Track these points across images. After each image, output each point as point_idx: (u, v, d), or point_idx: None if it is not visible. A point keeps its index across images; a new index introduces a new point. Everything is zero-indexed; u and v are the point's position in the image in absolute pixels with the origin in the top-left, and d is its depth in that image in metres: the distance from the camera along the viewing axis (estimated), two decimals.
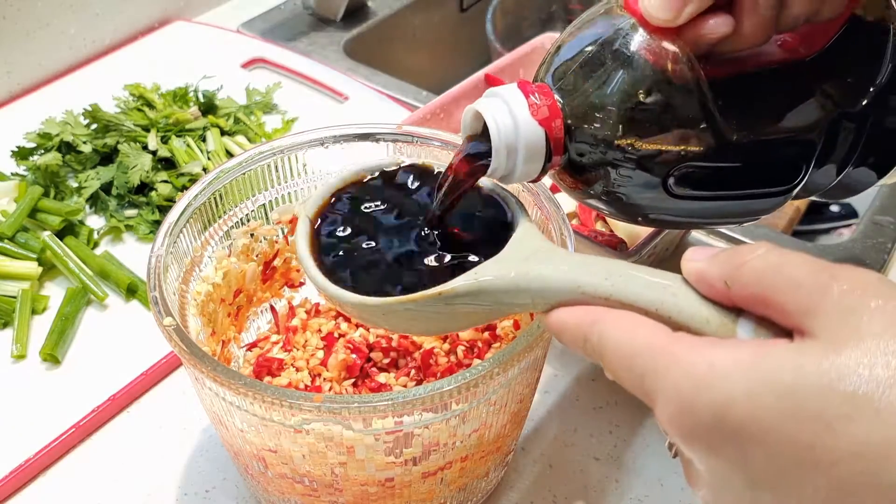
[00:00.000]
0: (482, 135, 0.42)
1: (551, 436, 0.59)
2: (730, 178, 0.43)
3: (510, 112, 0.40)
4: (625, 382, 0.32)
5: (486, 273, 0.39)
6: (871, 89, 0.44)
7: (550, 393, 0.62)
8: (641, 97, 0.40)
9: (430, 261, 0.43)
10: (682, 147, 0.41)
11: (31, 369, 0.63)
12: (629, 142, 0.41)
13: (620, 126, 0.40)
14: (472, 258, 0.42)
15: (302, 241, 0.45)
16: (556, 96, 0.41)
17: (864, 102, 0.44)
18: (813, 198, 0.50)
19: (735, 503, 0.30)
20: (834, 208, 1.22)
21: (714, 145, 0.41)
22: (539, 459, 0.58)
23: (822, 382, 0.27)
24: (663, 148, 0.41)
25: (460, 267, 0.42)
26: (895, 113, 0.45)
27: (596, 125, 0.41)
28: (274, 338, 0.59)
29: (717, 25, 0.39)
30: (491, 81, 0.73)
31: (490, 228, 0.44)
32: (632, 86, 0.40)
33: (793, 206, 0.88)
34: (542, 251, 0.40)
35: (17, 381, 0.62)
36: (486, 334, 0.57)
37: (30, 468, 0.57)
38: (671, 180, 0.42)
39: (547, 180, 0.68)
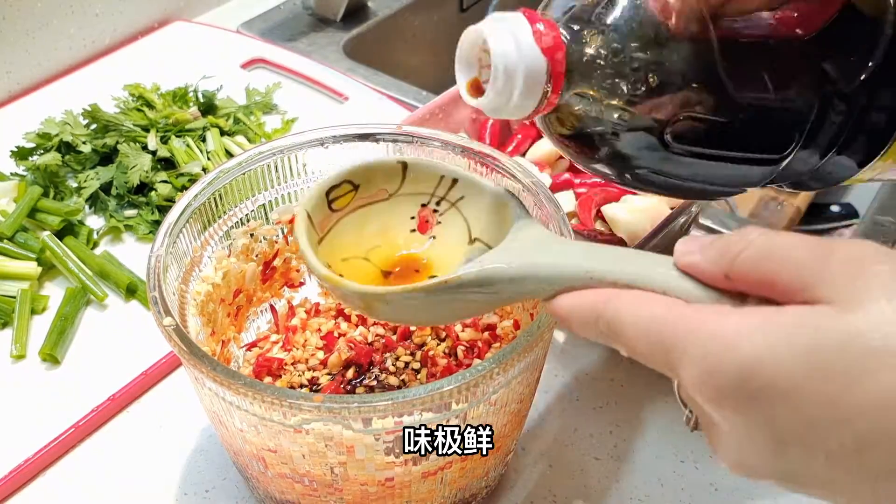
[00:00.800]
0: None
1: (551, 436, 0.59)
2: (725, 138, 0.43)
3: (513, 35, 0.39)
4: (643, 354, 0.33)
5: (492, 261, 0.39)
6: (863, 73, 0.44)
7: (550, 393, 0.62)
8: (648, 43, 0.40)
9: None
10: (682, 97, 0.41)
11: (31, 369, 0.63)
12: (630, 87, 0.40)
13: (623, 70, 0.40)
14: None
15: (302, 234, 0.44)
16: (562, 30, 0.41)
17: (855, 84, 0.44)
18: (787, 189, 0.51)
19: (762, 462, 0.30)
20: (834, 208, 1.21)
21: (714, 100, 0.41)
22: (539, 459, 0.58)
23: (842, 339, 0.27)
24: (663, 98, 0.41)
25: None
26: (882, 103, 0.45)
27: (598, 65, 0.40)
28: (273, 337, 0.59)
29: None
30: None
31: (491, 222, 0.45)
32: (640, 34, 0.40)
33: (793, 207, 0.88)
34: (546, 240, 0.40)
35: (16, 381, 0.62)
36: (486, 334, 0.57)
37: (30, 468, 0.57)
38: (667, 133, 0.41)
39: (546, 180, 0.69)
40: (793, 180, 0.49)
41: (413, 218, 0.49)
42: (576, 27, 0.41)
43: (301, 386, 0.55)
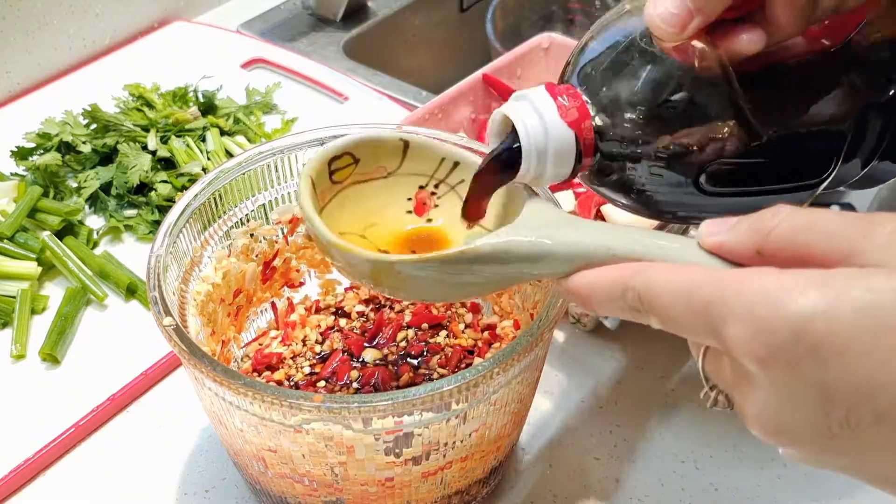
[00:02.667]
0: (510, 138, 0.41)
1: (551, 436, 0.59)
2: (761, 174, 0.42)
3: (539, 115, 0.40)
4: (679, 321, 0.32)
5: (509, 234, 0.38)
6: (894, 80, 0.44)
7: (550, 393, 0.62)
8: (671, 95, 0.40)
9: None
10: (713, 144, 0.40)
11: (31, 369, 0.63)
12: (659, 140, 0.40)
13: (650, 125, 0.40)
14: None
15: (307, 199, 0.43)
16: (584, 97, 0.41)
17: (890, 92, 0.44)
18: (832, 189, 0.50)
19: (805, 423, 0.30)
20: (834, 208, 1.22)
21: (745, 141, 0.41)
22: (539, 459, 0.58)
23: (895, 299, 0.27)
24: (694, 145, 0.40)
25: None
26: None
27: (625, 125, 0.40)
28: (273, 333, 0.59)
29: (750, 42, 0.39)
30: (489, 82, 0.73)
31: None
32: (661, 84, 0.40)
33: None
34: (562, 219, 0.40)
35: (16, 381, 0.62)
36: (486, 334, 0.57)
37: (30, 468, 0.57)
38: (702, 177, 0.41)
39: None
40: (838, 187, 0.48)
41: (410, 199, 0.48)
42: (599, 89, 0.41)
43: (296, 385, 0.55)
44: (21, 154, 0.80)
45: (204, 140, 0.81)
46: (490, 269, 0.39)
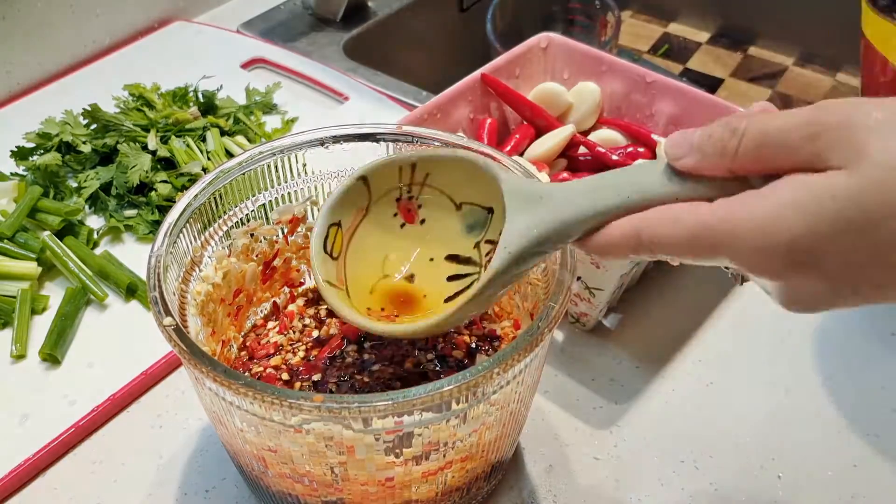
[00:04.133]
0: None
1: (551, 436, 0.59)
2: None
3: None
4: (691, 258, 0.38)
5: (511, 241, 0.41)
6: None
7: (550, 393, 0.62)
8: None
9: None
10: None
11: (31, 369, 0.63)
12: None
13: None
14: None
15: (335, 300, 0.47)
16: None
17: None
18: None
19: (825, 299, 0.36)
20: None
21: None
22: (539, 459, 0.58)
23: (857, 197, 0.33)
24: None
25: None
26: None
27: None
28: (271, 324, 0.59)
29: None
30: (487, 81, 0.73)
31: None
32: None
33: None
34: (543, 194, 0.41)
35: (16, 381, 0.62)
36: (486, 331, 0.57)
37: (30, 468, 0.57)
38: None
39: (545, 178, 0.68)
40: None
41: (396, 215, 0.50)
42: None
43: (293, 369, 0.55)
44: (21, 154, 0.80)
45: (204, 140, 0.81)
46: (511, 275, 0.42)
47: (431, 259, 0.50)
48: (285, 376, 0.54)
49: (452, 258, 0.49)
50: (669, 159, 0.38)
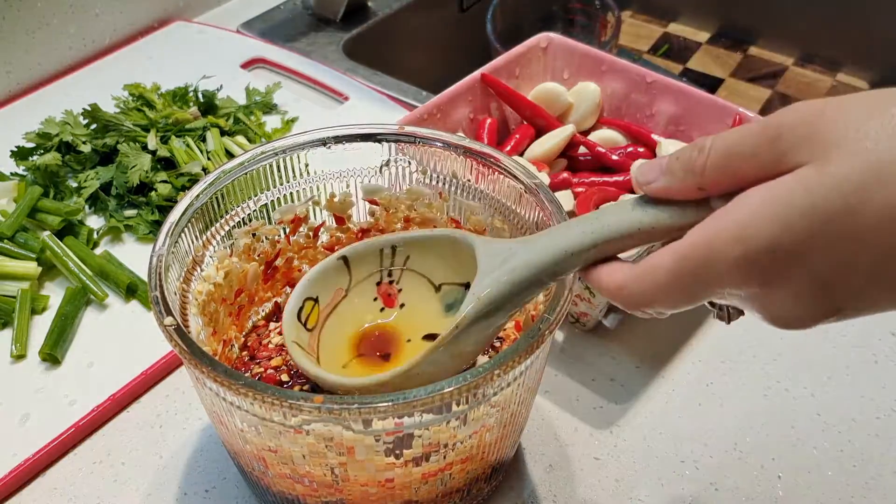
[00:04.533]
0: None
1: (551, 436, 0.59)
2: None
3: None
4: (682, 298, 0.37)
5: (482, 290, 0.42)
6: None
7: (550, 393, 0.62)
8: None
9: None
10: None
11: (31, 369, 0.63)
12: None
13: None
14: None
15: (303, 361, 0.47)
16: None
17: None
18: None
19: (815, 308, 0.35)
20: None
21: None
22: (539, 459, 0.58)
23: (830, 189, 0.32)
24: None
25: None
26: None
27: None
28: (272, 324, 0.59)
29: None
30: (487, 81, 0.73)
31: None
32: None
33: None
34: (514, 247, 0.42)
35: (16, 381, 0.62)
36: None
37: (30, 468, 0.57)
38: None
39: (545, 179, 0.69)
40: None
41: (376, 299, 0.51)
42: None
43: (293, 370, 0.55)
44: (21, 154, 0.80)
45: (204, 140, 0.81)
46: (483, 323, 0.42)
47: (409, 340, 0.50)
48: (285, 377, 0.54)
49: (430, 337, 0.49)
50: (640, 185, 0.38)
